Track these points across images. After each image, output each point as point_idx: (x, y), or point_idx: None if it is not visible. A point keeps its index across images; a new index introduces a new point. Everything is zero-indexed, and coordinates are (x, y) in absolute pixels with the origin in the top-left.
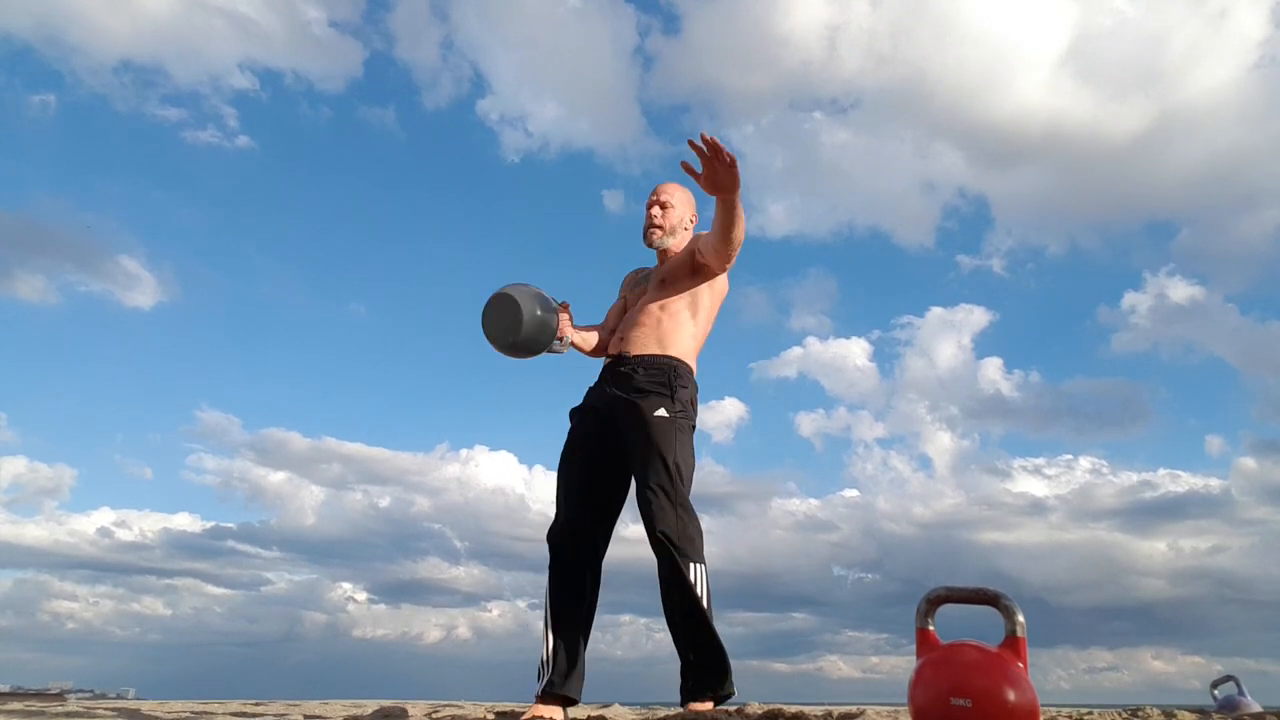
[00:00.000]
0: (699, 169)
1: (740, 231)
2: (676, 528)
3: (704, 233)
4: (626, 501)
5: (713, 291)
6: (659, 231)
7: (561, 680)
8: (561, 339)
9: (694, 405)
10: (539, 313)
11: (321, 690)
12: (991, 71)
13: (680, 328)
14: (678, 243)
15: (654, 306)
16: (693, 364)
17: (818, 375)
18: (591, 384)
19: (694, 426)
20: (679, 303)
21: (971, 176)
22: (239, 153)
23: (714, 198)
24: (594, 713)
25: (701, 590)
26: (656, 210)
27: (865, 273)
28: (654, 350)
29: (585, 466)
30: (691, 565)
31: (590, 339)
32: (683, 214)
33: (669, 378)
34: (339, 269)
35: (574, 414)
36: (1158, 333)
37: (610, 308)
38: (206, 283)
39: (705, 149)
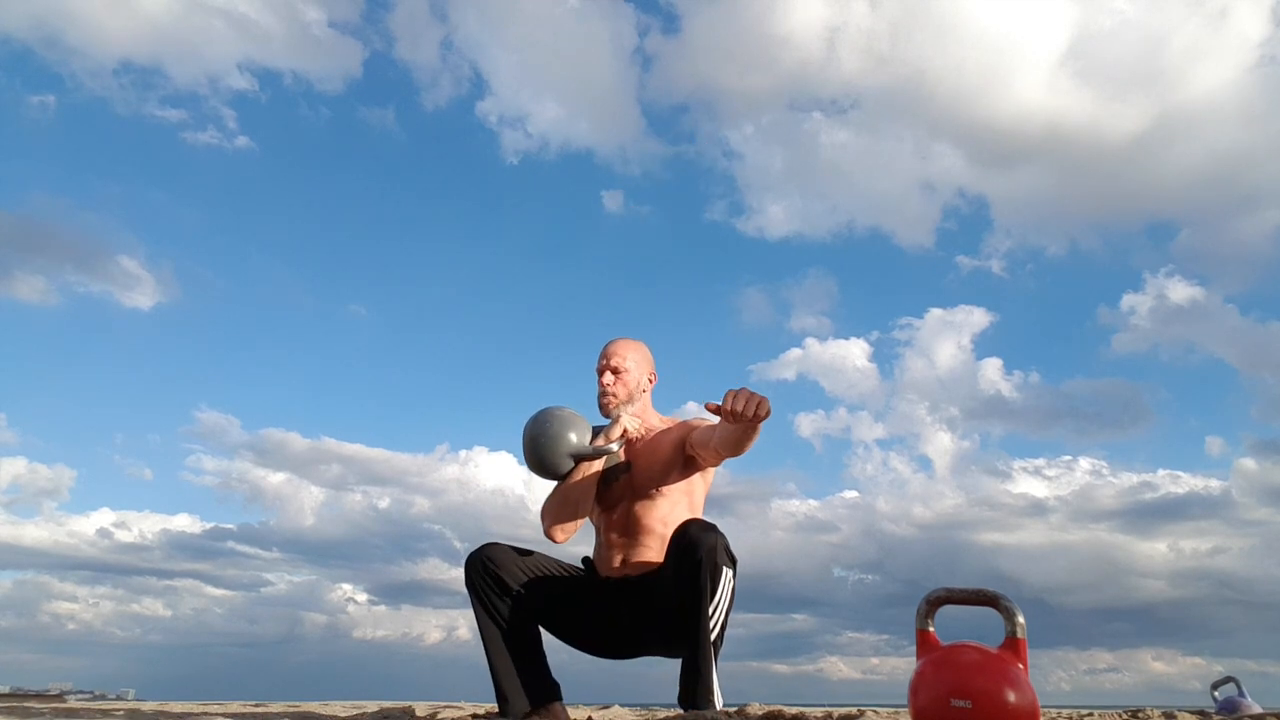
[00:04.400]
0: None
1: (752, 445)
2: (717, 533)
3: (699, 426)
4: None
5: (705, 480)
6: (614, 399)
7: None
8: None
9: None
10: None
11: (322, 691)
12: (991, 71)
13: None
14: (638, 409)
15: (653, 521)
16: None
17: (817, 376)
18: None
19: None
20: (679, 507)
21: (971, 177)
22: (238, 153)
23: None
24: (594, 713)
25: (723, 600)
26: (609, 378)
27: (865, 273)
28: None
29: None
30: (725, 569)
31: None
32: (639, 377)
33: None
34: (339, 269)
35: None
36: (1158, 333)
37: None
38: (206, 283)
39: (731, 416)
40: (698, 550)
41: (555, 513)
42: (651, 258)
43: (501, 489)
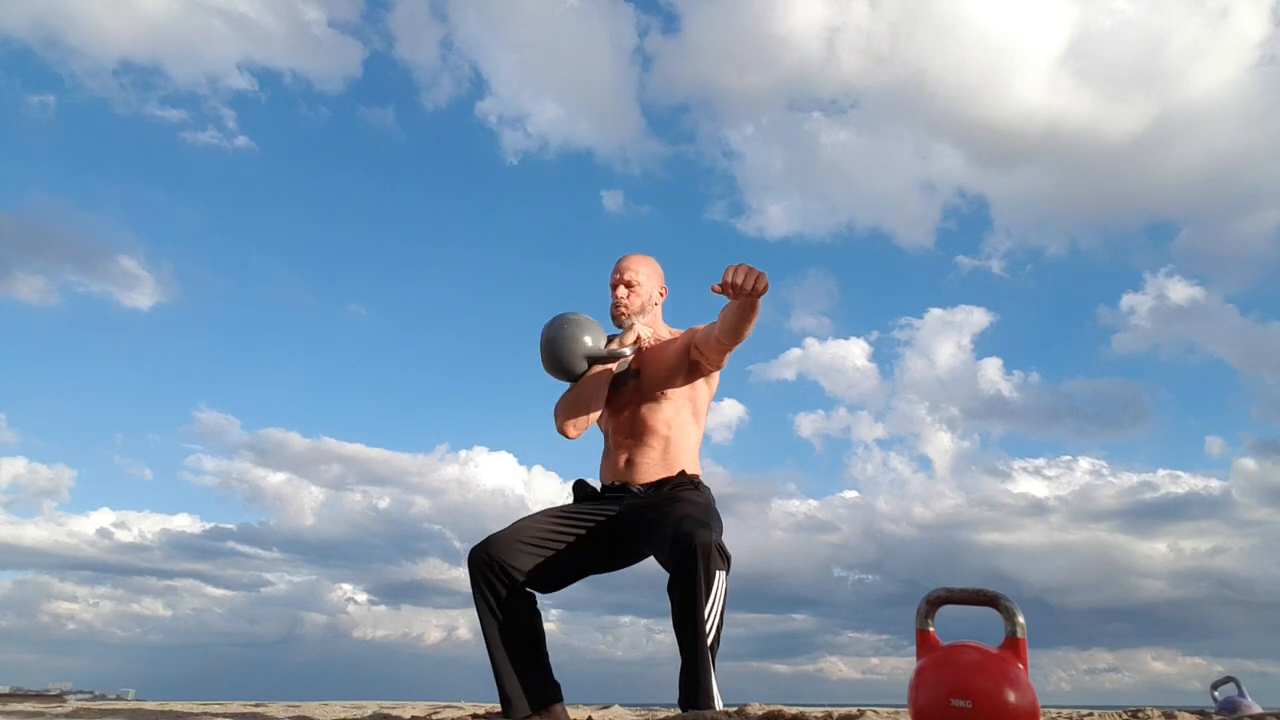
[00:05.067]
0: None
1: (752, 328)
2: (715, 529)
3: (700, 327)
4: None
5: (709, 387)
6: (627, 310)
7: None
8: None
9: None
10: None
11: (322, 691)
12: (991, 71)
13: (687, 441)
14: (649, 320)
15: (657, 423)
16: (701, 470)
17: (817, 376)
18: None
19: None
20: (683, 412)
21: (971, 177)
22: (238, 153)
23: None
24: (594, 713)
25: (716, 601)
26: (622, 291)
27: (865, 273)
28: (662, 475)
29: (576, 541)
30: (718, 574)
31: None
32: (650, 290)
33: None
34: (339, 269)
35: (578, 499)
36: (1158, 333)
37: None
38: (205, 283)
39: (732, 290)
40: (694, 554)
41: (569, 410)
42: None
43: (501, 489)
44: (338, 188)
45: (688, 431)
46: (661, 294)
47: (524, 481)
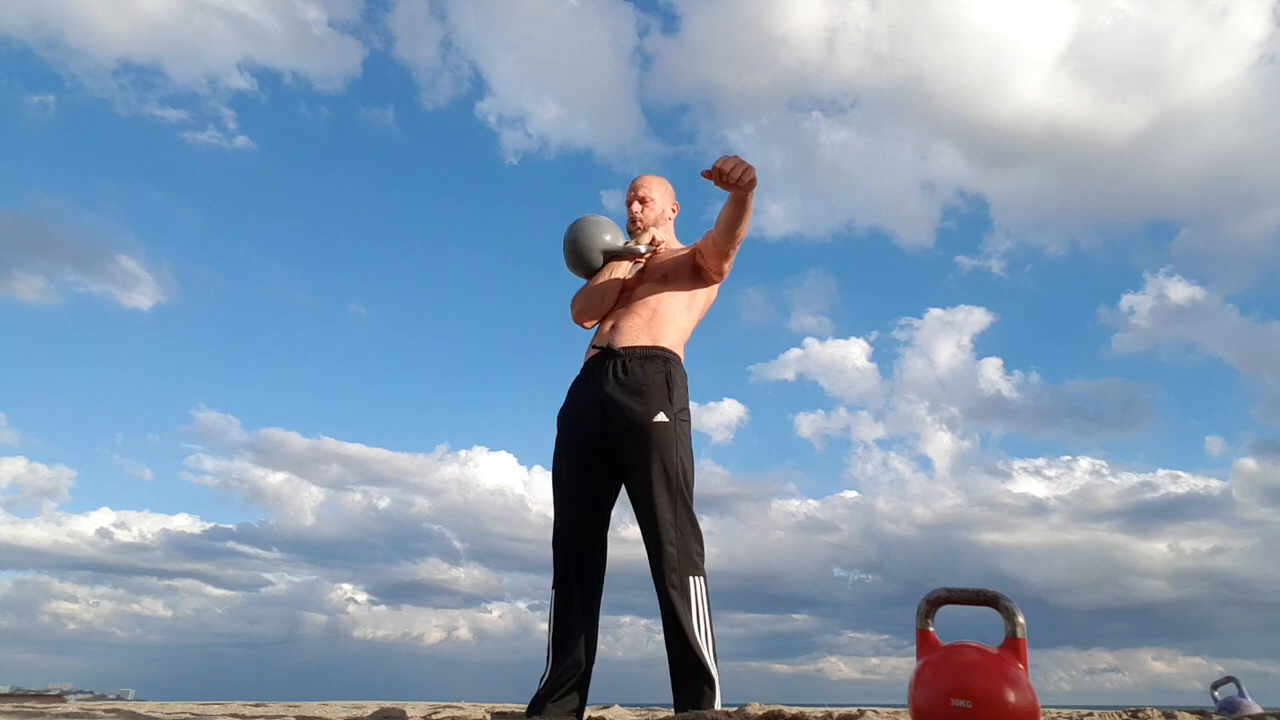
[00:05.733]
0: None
1: (746, 228)
2: (678, 541)
3: (708, 233)
4: (621, 501)
5: (708, 293)
6: (642, 223)
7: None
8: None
9: (687, 401)
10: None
11: (322, 691)
12: (991, 71)
13: (673, 320)
14: (663, 232)
15: (651, 299)
16: (682, 356)
17: (817, 376)
18: (575, 378)
19: (690, 424)
20: (676, 298)
21: (971, 176)
22: (238, 153)
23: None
24: (594, 713)
25: (699, 606)
26: (637, 206)
27: (865, 273)
28: (644, 342)
29: (577, 474)
30: (691, 580)
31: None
32: (663, 206)
33: (665, 376)
34: (338, 269)
35: (562, 417)
36: (1158, 333)
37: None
38: (205, 283)
39: (721, 179)
40: (663, 579)
41: (584, 302)
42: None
43: (501, 489)
44: (337, 188)
45: (675, 314)
46: (674, 209)
47: (524, 481)
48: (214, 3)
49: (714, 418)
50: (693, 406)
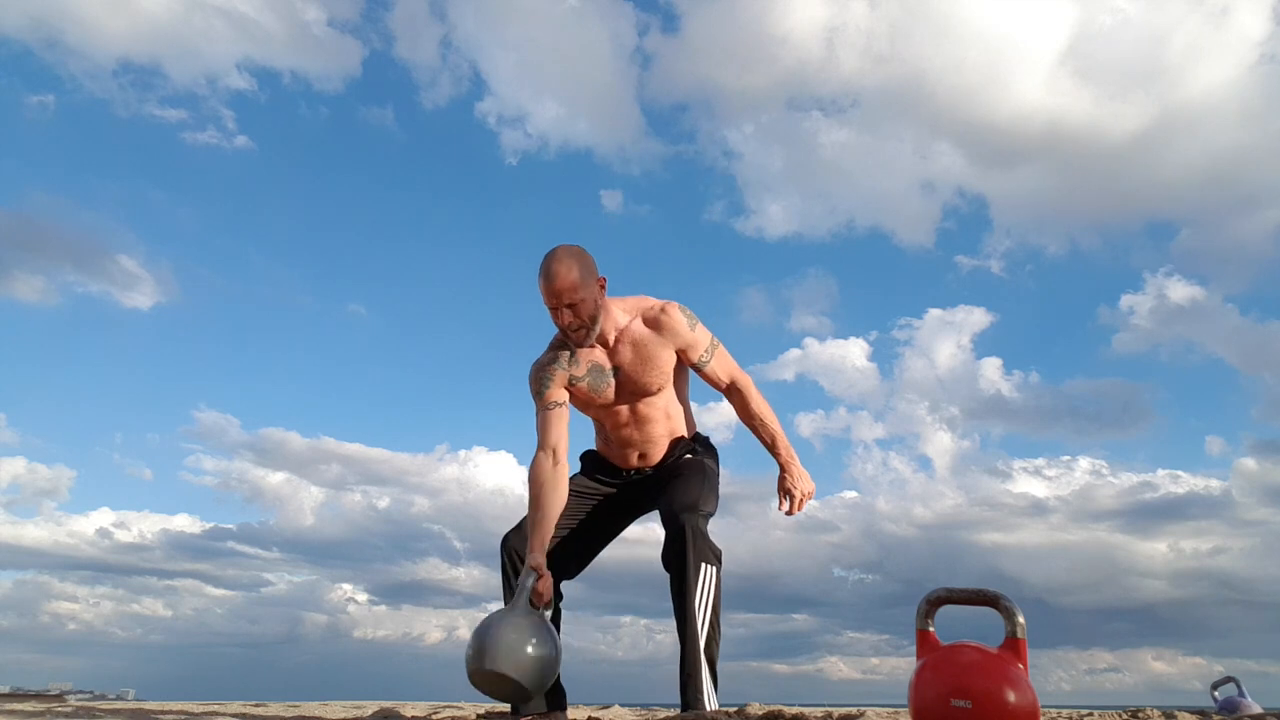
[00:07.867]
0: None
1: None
2: (703, 509)
3: (694, 349)
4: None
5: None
6: (583, 332)
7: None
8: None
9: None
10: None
11: (322, 691)
12: (991, 71)
13: (683, 410)
14: (604, 319)
15: (657, 413)
16: (697, 426)
17: (817, 376)
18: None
19: (718, 471)
20: (673, 391)
21: (971, 176)
22: (238, 153)
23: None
24: (594, 713)
25: (706, 595)
26: (568, 315)
27: (865, 273)
28: (673, 450)
29: (586, 512)
30: (704, 566)
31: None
32: (592, 295)
33: (690, 450)
34: (338, 269)
35: (586, 475)
36: (1158, 333)
37: (549, 416)
38: (205, 283)
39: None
40: (682, 536)
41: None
42: (651, 258)
43: (501, 489)
44: (337, 187)
45: (682, 405)
46: (601, 286)
47: (524, 481)
48: (214, 2)
49: (714, 418)
50: (693, 406)
